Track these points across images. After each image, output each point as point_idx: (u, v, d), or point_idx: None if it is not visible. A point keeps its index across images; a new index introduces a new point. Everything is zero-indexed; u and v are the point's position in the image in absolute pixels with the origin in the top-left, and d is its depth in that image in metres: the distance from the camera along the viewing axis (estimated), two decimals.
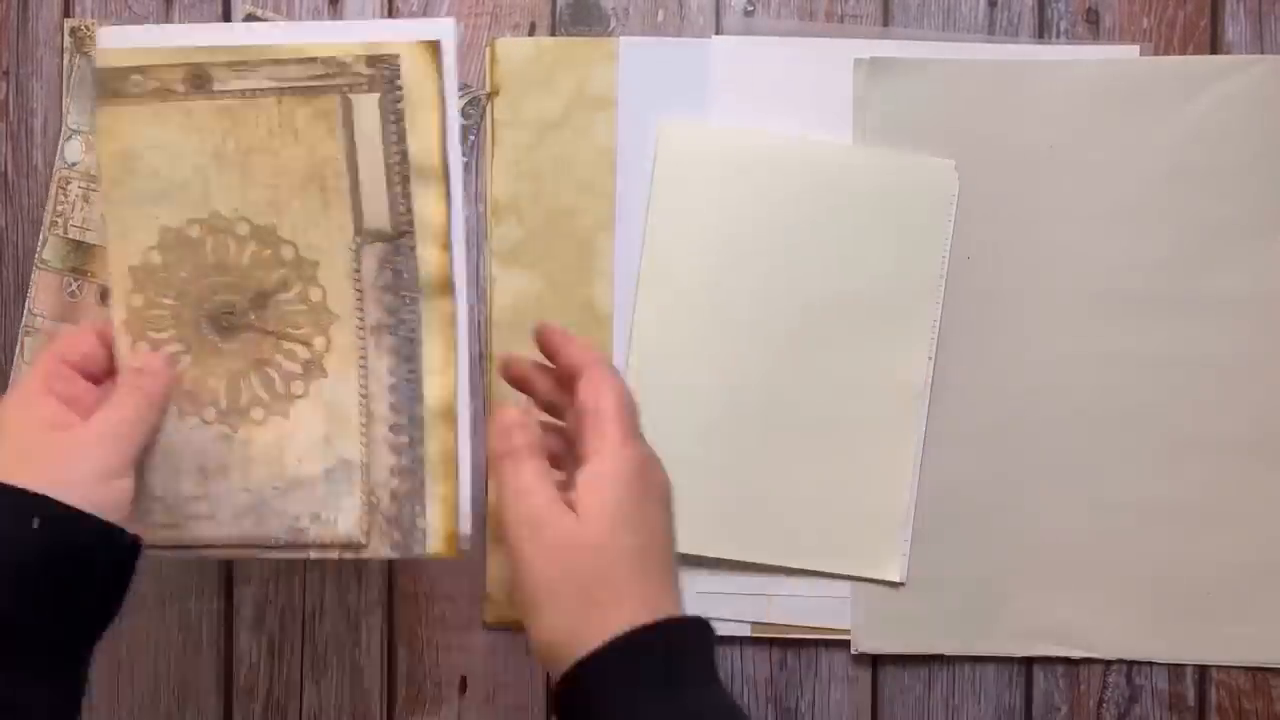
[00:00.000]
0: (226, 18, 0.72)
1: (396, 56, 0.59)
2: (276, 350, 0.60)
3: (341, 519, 0.61)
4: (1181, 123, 0.69)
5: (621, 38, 0.71)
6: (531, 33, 0.72)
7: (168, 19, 0.72)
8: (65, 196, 0.71)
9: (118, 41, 0.60)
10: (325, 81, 0.59)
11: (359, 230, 0.60)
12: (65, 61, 0.72)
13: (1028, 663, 0.71)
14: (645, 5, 0.72)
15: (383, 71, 0.59)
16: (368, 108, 0.59)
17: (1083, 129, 0.69)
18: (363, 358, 0.60)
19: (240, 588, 0.73)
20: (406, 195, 0.60)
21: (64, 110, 0.72)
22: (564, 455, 0.59)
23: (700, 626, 0.54)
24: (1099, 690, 0.71)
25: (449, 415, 0.61)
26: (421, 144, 0.59)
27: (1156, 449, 0.70)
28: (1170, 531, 0.70)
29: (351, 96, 0.59)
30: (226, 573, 0.73)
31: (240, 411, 0.61)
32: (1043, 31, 0.71)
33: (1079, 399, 0.70)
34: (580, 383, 0.57)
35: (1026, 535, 0.70)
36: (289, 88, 0.59)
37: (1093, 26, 0.71)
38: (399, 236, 0.60)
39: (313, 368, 0.60)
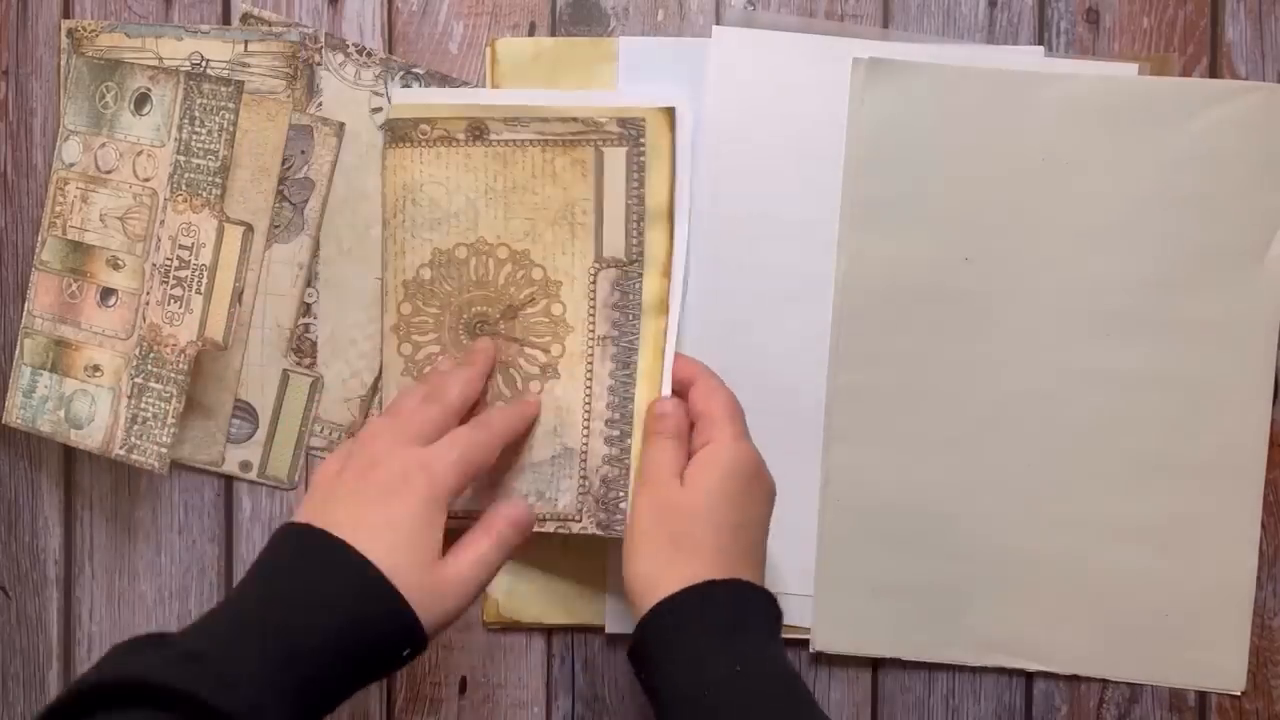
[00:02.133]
0: (226, 18, 0.72)
1: (642, 120, 0.69)
2: (520, 355, 0.70)
3: (561, 498, 0.69)
4: (1174, 145, 0.68)
5: (621, 38, 0.71)
6: (531, 33, 0.72)
7: (168, 19, 0.72)
8: (64, 197, 0.71)
9: (411, 99, 0.72)
10: (582, 136, 0.69)
11: (598, 258, 0.69)
12: (64, 62, 0.72)
13: None
14: (645, 5, 0.72)
15: (629, 130, 0.69)
16: (616, 159, 0.69)
17: (1076, 144, 0.69)
18: (590, 364, 0.69)
19: None
20: (639, 231, 0.70)
21: (61, 111, 0.72)
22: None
23: (769, 598, 0.61)
24: (1099, 690, 0.71)
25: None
26: (655, 191, 0.70)
27: (1121, 468, 0.70)
28: (1130, 551, 0.70)
29: (604, 149, 0.69)
30: (227, 571, 0.73)
31: (487, 405, 0.69)
32: (1043, 32, 0.71)
33: (1049, 411, 0.70)
34: (692, 391, 0.67)
35: (987, 544, 0.70)
36: (551, 139, 0.69)
37: (1093, 26, 0.71)
38: (630, 264, 0.70)
39: (548, 370, 0.70)
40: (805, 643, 0.71)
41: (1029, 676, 0.71)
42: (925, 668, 0.72)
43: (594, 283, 0.69)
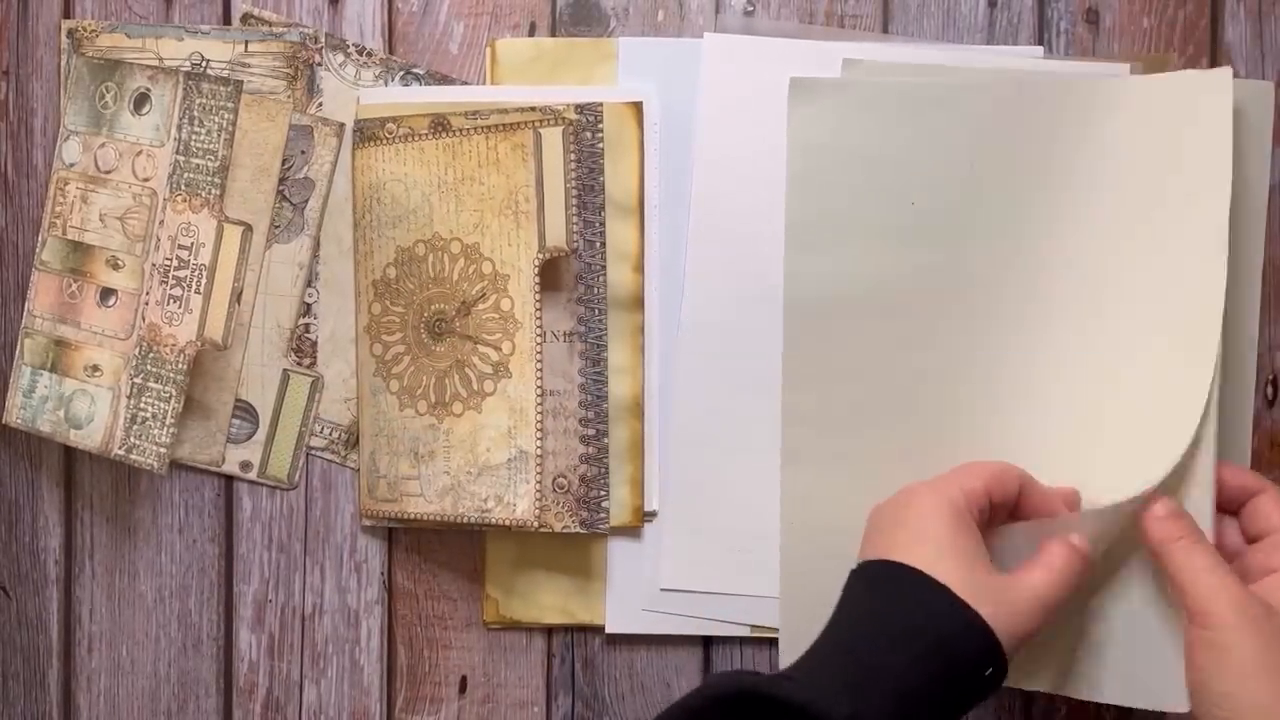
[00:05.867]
0: (226, 18, 0.72)
1: (600, 105, 0.68)
2: (474, 353, 0.69)
3: (519, 503, 0.68)
4: (1101, 140, 0.66)
5: (621, 38, 0.71)
6: (531, 33, 0.72)
7: (168, 19, 0.72)
8: (64, 198, 0.71)
9: (378, 98, 0.72)
10: (524, 120, 0.68)
11: (541, 247, 0.67)
12: (64, 62, 0.72)
13: None
14: (645, 5, 0.72)
15: (586, 116, 0.68)
16: (553, 140, 0.67)
17: (1003, 147, 0.67)
18: (539, 361, 0.67)
19: (240, 586, 0.73)
20: (581, 218, 0.69)
21: (61, 111, 0.72)
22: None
23: None
24: None
25: (636, 409, 0.71)
26: (622, 184, 0.70)
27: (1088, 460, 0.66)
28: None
29: (541, 130, 0.67)
30: (227, 570, 0.74)
31: (444, 405, 0.69)
32: (1043, 32, 0.71)
33: (1005, 413, 0.67)
34: (1259, 500, 0.62)
35: None
36: (495, 125, 0.68)
37: (1093, 27, 0.71)
38: (573, 253, 0.68)
39: (500, 369, 0.68)
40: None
41: None
42: None
43: (537, 274, 0.67)
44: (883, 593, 0.58)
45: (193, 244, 0.69)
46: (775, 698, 0.53)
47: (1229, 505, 0.63)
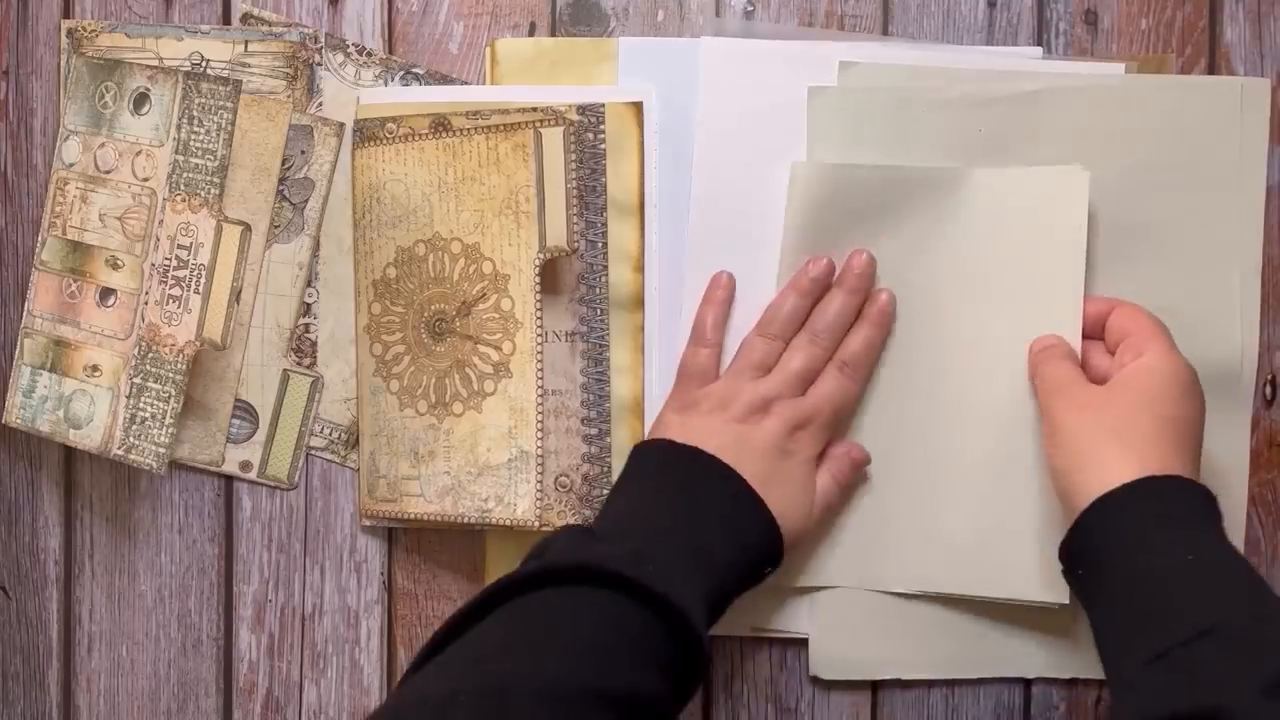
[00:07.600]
0: (226, 18, 0.72)
1: (602, 106, 0.69)
2: (474, 353, 0.68)
3: (520, 503, 0.67)
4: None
5: (621, 38, 0.71)
6: (531, 33, 0.72)
7: (168, 19, 0.72)
8: (63, 197, 0.71)
9: (378, 99, 0.71)
10: (525, 120, 0.68)
11: (542, 248, 0.67)
12: (64, 62, 0.72)
13: None
14: (645, 5, 0.72)
15: (588, 118, 0.69)
16: (554, 140, 0.67)
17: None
18: (539, 361, 0.67)
19: (240, 586, 0.73)
20: (583, 218, 0.69)
21: (61, 111, 0.72)
22: None
23: (1209, 495, 0.60)
24: (1097, 689, 0.71)
25: (638, 408, 0.70)
26: (622, 185, 0.70)
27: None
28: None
29: (542, 130, 0.67)
30: (227, 571, 0.74)
31: (445, 405, 0.69)
32: (1042, 33, 0.71)
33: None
34: (1113, 315, 0.66)
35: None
36: (496, 125, 0.68)
37: (1091, 28, 0.71)
38: (575, 253, 0.69)
39: (501, 369, 0.68)
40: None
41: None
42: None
43: (538, 274, 0.67)
44: (728, 498, 0.64)
45: (192, 244, 0.69)
46: (623, 576, 0.57)
47: (1094, 332, 0.67)
